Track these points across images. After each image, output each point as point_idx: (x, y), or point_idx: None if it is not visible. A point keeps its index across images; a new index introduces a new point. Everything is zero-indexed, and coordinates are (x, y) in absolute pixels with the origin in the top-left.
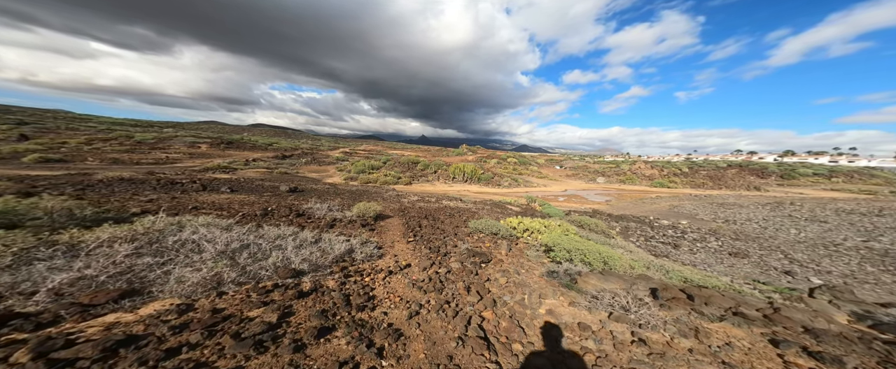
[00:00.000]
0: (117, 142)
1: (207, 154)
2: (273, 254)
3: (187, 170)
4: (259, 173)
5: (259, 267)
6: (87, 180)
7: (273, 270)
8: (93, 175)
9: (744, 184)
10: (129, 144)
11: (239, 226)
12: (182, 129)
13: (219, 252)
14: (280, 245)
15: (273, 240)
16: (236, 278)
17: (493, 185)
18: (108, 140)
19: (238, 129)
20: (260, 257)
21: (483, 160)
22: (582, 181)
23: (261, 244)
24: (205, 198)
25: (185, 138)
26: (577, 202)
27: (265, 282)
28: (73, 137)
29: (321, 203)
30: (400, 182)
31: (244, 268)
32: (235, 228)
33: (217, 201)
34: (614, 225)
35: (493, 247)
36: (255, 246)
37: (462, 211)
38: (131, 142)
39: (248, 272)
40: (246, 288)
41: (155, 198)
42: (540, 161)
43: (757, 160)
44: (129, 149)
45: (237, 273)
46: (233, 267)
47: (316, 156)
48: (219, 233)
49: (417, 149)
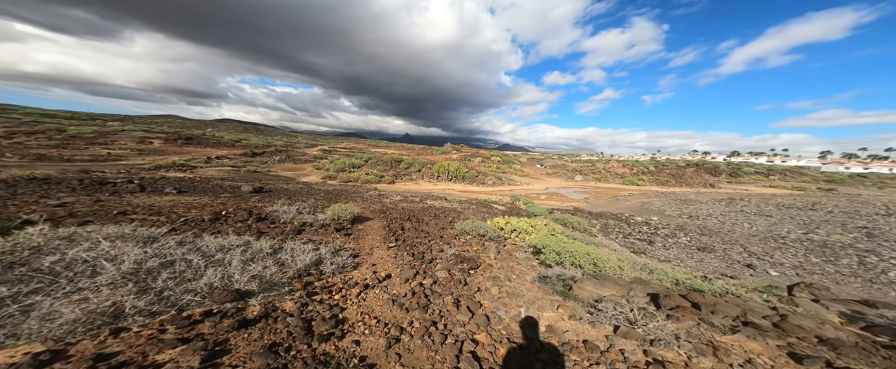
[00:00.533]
0: (45, 137)
1: (161, 150)
2: (209, 272)
3: (133, 168)
4: (223, 172)
5: (185, 290)
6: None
7: (206, 293)
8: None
9: (701, 181)
10: (60, 139)
11: (173, 235)
12: (131, 123)
13: (125, 273)
14: (222, 259)
15: (213, 253)
16: (146, 308)
17: (478, 184)
18: (33, 133)
19: (201, 124)
20: (189, 277)
21: (467, 158)
22: (561, 179)
23: (193, 259)
24: (140, 201)
25: (133, 133)
26: (557, 200)
27: (192, 310)
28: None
29: (290, 205)
30: (382, 181)
31: (161, 292)
32: (164, 240)
33: (156, 204)
34: (595, 222)
35: (481, 250)
36: (183, 262)
37: (447, 211)
38: (63, 136)
39: (167, 298)
40: (160, 321)
41: (70, 202)
42: (522, 159)
43: (710, 160)
44: (61, 144)
45: (149, 300)
46: (142, 292)
47: (291, 153)
48: (132, 247)
49: (401, 147)
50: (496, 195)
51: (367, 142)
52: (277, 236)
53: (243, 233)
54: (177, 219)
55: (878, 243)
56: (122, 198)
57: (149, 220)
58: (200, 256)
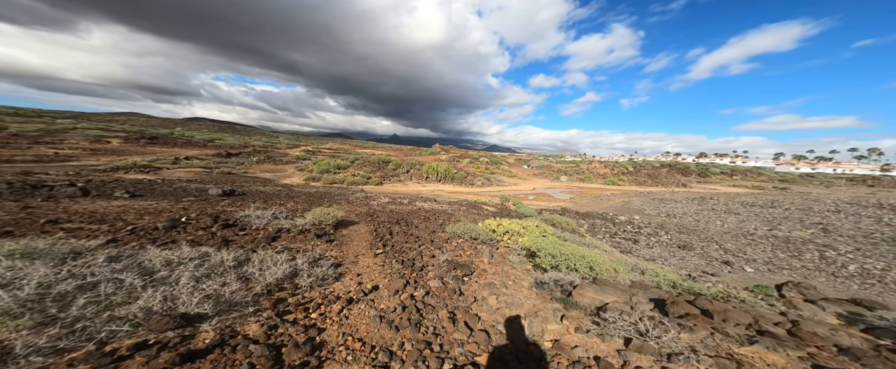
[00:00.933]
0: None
1: (120, 150)
2: (146, 294)
3: (84, 169)
4: (192, 173)
5: (110, 318)
6: None
7: (141, 320)
8: None
9: (674, 181)
10: (0, 137)
11: (107, 249)
12: (86, 120)
13: (24, 301)
14: (167, 277)
15: (156, 269)
16: (48, 345)
17: (467, 185)
18: None
19: (169, 123)
20: (119, 301)
21: (456, 159)
22: (547, 180)
23: (126, 279)
24: (81, 208)
25: (87, 131)
26: (545, 200)
27: (118, 343)
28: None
29: (264, 209)
30: (369, 182)
31: (74, 323)
32: (92, 255)
33: (100, 211)
34: (582, 222)
35: (475, 254)
36: (111, 283)
37: (437, 213)
38: (3, 134)
39: (83, 330)
40: (69, 360)
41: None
42: (510, 160)
43: (681, 161)
44: (1, 144)
45: (53, 334)
46: (45, 325)
47: (271, 154)
48: (36, 268)
49: (389, 147)
50: (485, 196)
51: (353, 142)
52: (246, 245)
53: (205, 242)
54: (122, 229)
55: (833, 238)
56: (58, 203)
57: (85, 231)
58: (137, 274)
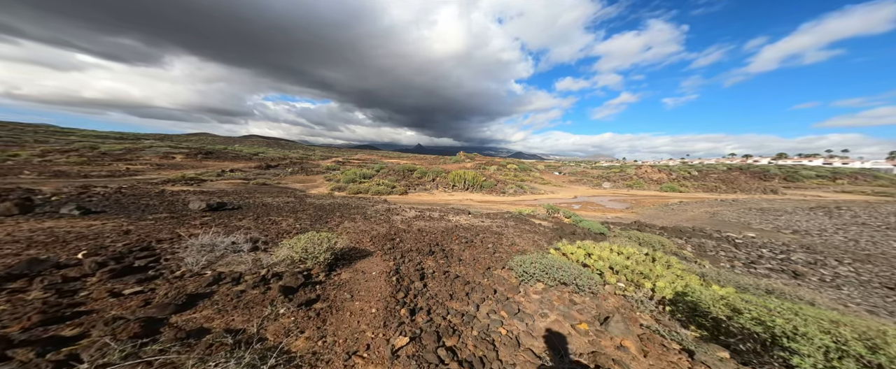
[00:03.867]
0: (77, 154)
1: (181, 165)
2: None
3: (139, 181)
4: (231, 184)
5: None
6: None
7: None
8: None
9: (757, 187)
10: (90, 156)
11: None
12: (170, 141)
13: None
14: None
15: None
16: None
17: (497, 193)
18: (66, 152)
19: (229, 141)
20: None
21: (482, 167)
22: (587, 186)
23: None
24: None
25: (159, 149)
26: (596, 210)
27: None
28: (32, 150)
29: (240, 232)
30: (394, 191)
31: None
32: None
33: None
34: (678, 241)
35: (585, 319)
36: None
37: (480, 232)
38: (94, 153)
39: None
40: None
41: None
42: (539, 167)
43: (753, 163)
44: (88, 160)
45: None
46: None
47: (304, 165)
48: None
49: (413, 157)
50: (523, 206)
51: (379, 153)
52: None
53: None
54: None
55: None
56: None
57: None
58: None
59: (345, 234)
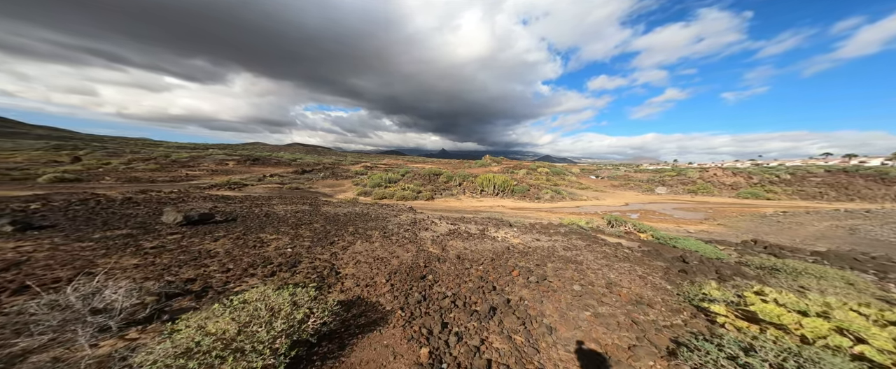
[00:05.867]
0: (154, 162)
1: (232, 170)
2: None
3: (192, 185)
4: (266, 188)
5: None
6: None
7: None
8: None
9: (885, 193)
10: (163, 163)
11: None
12: (228, 149)
13: None
14: None
15: None
16: None
17: (531, 199)
18: (147, 160)
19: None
20: None
21: (510, 170)
22: (636, 192)
23: None
24: None
25: (217, 156)
26: (663, 220)
27: None
28: (122, 159)
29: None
30: (420, 197)
31: None
32: None
33: None
34: (864, 276)
35: None
36: None
37: (544, 257)
38: (167, 161)
39: None
40: None
41: None
42: (574, 170)
43: (859, 163)
44: (160, 167)
45: None
46: None
47: (336, 170)
48: None
49: (438, 161)
50: (566, 214)
51: (405, 158)
52: None
53: None
54: None
55: None
56: None
57: None
58: None
59: (351, 266)
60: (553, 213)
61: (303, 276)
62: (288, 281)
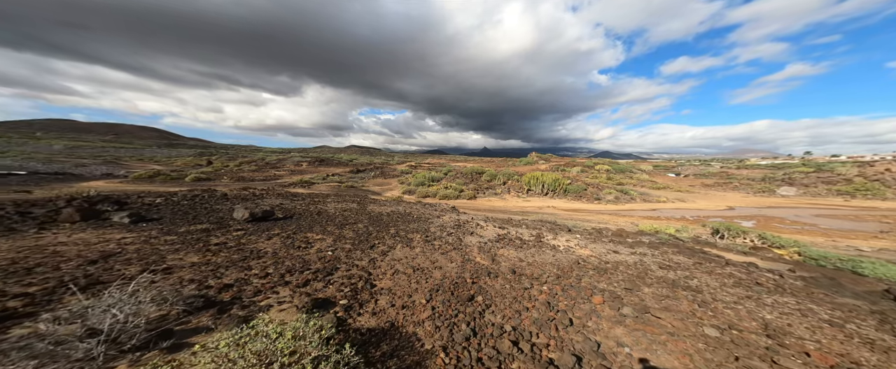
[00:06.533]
0: (255, 164)
1: (304, 170)
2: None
3: (277, 184)
4: (329, 187)
5: None
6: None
7: None
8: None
9: None
10: (260, 165)
11: None
12: (303, 153)
13: None
14: None
15: None
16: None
17: (589, 200)
18: (250, 162)
19: (337, 151)
20: None
21: (560, 168)
22: (744, 193)
23: None
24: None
25: (294, 159)
26: (801, 231)
27: None
28: (235, 162)
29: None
30: (462, 196)
31: None
32: None
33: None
34: None
35: None
36: None
37: (635, 278)
38: (262, 163)
39: None
40: None
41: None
42: (643, 167)
43: None
44: (258, 168)
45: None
46: None
47: (384, 170)
48: None
49: (480, 160)
50: (640, 218)
51: (447, 157)
52: None
53: None
54: None
55: None
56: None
57: None
58: None
59: (388, 277)
60: (620, 217)
61: (335, 289)
62: (318, 296)
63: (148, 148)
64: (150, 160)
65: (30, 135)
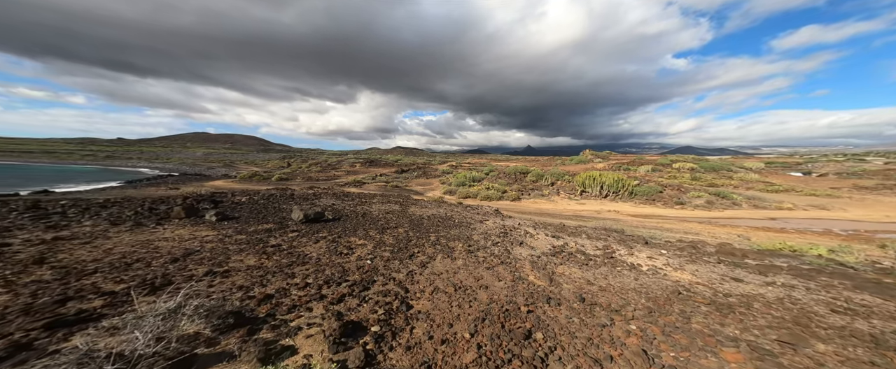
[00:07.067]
0: (320, 166)
1: (357, 171)
2: None
3: (335, 183)
4: (377, 186)
5: None
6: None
7: None
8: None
9: None
10: (324, 166)
11: None
12: (356, 155)
13: None
14: None
15: None
16: None
17: (667, 204)
18: (317, 164)
19: (385, 152)
20: None
21: (624, 167)
22: None
23: None
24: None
25: (350, 160)
26: None
27: None
28: (305, 164)
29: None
30: (505, 197)
31: None
32: None
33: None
34: None
35: None
36: None
37: (797, 323)
38: (325, 165)
39: None
40: None
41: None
42: (750, 165)
43: None
44: (322, 169)
45: None
46: None
47: (426, 170)
48: None
49: (524, 159)
50: (750, 229)
51: (489, 156)
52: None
53: None
54: None
55: None
56: (144, 227)
57: None
58: None
59: (426, 297)
60: (717, 227)
61: (368, 309)
62: (350, 318)
63: (250, 153)
64: (252, 163)
65: (182, 146)
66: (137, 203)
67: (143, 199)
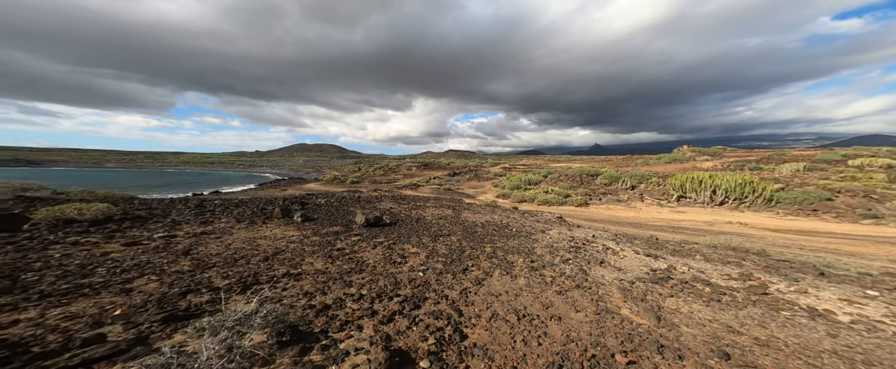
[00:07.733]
0: (382, 170)
1: (413, 174)
2: None
3: (394, 186)
4: (431, 189)
5: None
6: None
7: None
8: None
9: None
10: (385, 170)
11: None
12: (412, 159)
13: None
14: None
15: None
16: None
17: (840, 217)
18: (381, 167)
19: (438, 155)
20: None
21: (750, 166)
22: None
23: None
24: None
25: (407, 164)
26: None
27: None
28: (371, 168)
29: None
30: (568, 202)
31: None
32: None
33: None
34: None
35: None
36: None
37: None
38: (386, 169)
39: None
40: None
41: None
42: None
43: None
44: (384, 173)
45: None
46: None
47: (478, 172)
48: None
49: (590, 159)
50: None
51: (546, 157)
52: None
53: None
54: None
55: None
56: (257, 225)
57: None
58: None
59: (482, 326)
60: None
61: (418, 335)
62: (398, 345)
63: (332, 159)
64: (333, 168)
65: (290, 155)
66: (256, 203)
67: (260, 200)
